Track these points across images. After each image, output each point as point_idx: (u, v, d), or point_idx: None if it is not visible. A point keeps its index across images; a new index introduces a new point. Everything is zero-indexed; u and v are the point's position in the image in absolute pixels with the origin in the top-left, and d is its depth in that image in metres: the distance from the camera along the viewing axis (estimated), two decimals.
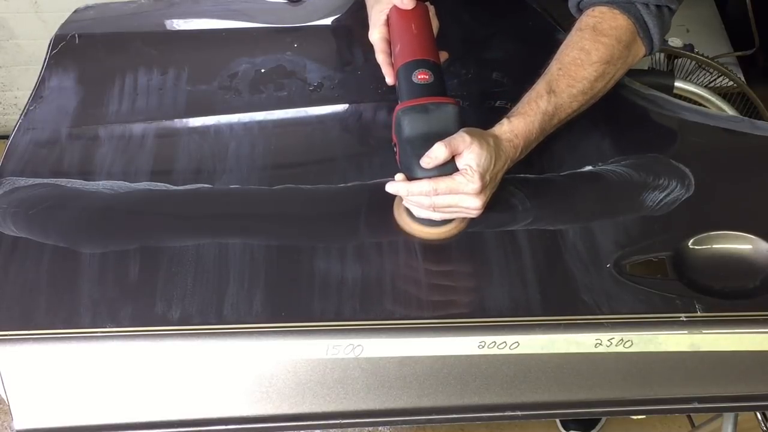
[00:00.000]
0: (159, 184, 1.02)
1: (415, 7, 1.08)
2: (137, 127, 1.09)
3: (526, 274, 0.94)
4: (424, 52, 1.02)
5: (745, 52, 1.90)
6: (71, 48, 1.22)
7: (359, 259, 0.94)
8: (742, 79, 1.66)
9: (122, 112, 1.12)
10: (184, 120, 1.11)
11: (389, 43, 1.10)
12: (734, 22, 2.00)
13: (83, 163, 1.05)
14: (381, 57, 1.10)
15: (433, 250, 0.97)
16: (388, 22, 1.10)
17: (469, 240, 0.97)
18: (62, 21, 1.28)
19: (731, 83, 1.58)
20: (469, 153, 0.90)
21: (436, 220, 0.95)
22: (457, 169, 0.91)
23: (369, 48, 1.19)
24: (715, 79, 1.60)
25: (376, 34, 1.11)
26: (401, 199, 0.97)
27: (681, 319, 0.90)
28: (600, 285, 0.92)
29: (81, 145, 1.07)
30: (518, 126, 0.96)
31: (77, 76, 1.18)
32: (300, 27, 1.27)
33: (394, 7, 1.08)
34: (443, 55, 1.08)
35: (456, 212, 0.94)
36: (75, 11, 1.31)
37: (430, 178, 0.91)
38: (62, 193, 1.01)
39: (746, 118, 1.23)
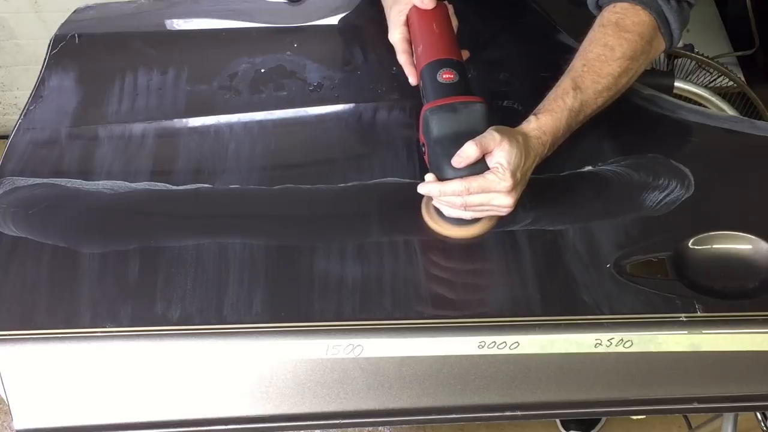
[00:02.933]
0: (159, 184, 1.02)
1: (435, 7, 1.07)
2: (137, 127, 1.09)
3: (526, 274, 0.94)
4: (447, 51, 1.02)
5: (745, 52, 1.90)
6: (71, 48, 1.22)
7: (359, 259, 0.94)
8: (742, 79, 1.66)
9: (122, 112, 1.12)
10: (184, 120, 1.11)
11: (410, 43, 1.09)
12: (734, 22, 2.00)
13: (83, 162, 1.05)
14: (403, 57, 1.10)
15: (432, 250, 0.97)
16: (407, 23, 1.10)
17: (469, 240, 0.97)
18: (62, 21, 1.28)
19: (731, 83, 1.58)
20: (500, 151, 0.90)
21: (467, 219, 0.95)
22: (487, 168, 0.90)
23: (369, 48, 1.20)
24: (715, 79, 1.60)
25: (396, 35, 1.10)
26: (429, 200, 0.97)
27: (681, 319, 0.90)
28: (600, 285, 0.92)
29: (81, 145, 1.07)
30: (546, 123, 0.95)
31: (77, 76, 1.18)
32: (300, 27, 1.27)
33: (414, 7, 1.08)
34: (465, 54, 1.08)
35: (487, 211, 0.94)
36: (75, 11, 1.31)
37: (461, 177, 0.91)
38: (62, 193, 1.01)
39: (746, 118, 1.23)
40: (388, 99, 1.13)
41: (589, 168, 1.04)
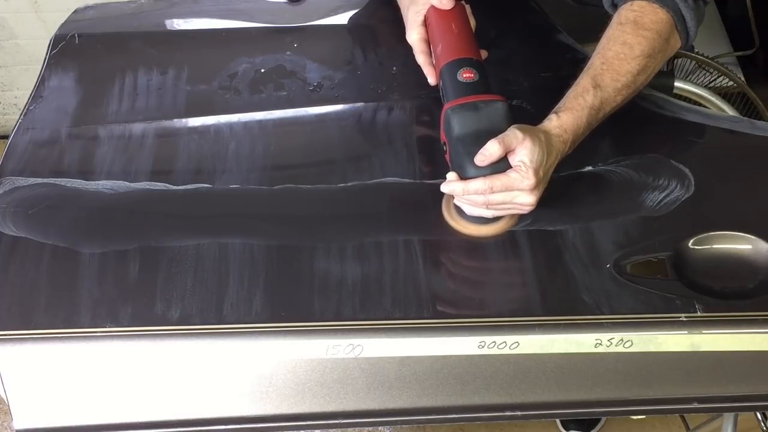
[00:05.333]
0: (159, 184, 1.02)
1: (453, 7, 1.08)
2: (137, 127, 1.09)
3: (526, 274, 0.94)
4: (466, 50, 1.02)
5: (745, 52, 1.91)
6: (71, 48, 1.22)
7: (359, 259, 0.94)
8: (742, 79, 1.66)
9: (122, 112, 1.12)
10: (184, 120, 1.11)
11: (428, 43, 1.10)
12: (734, 22, 2.00)
13: (83, 162, 1.05)
14: (421, 58, 1.10)
15: (432, 250, 0.97)
16: (425, 23, 1.10)
17: (469, 240, 0.97)
18: (62, 21, 1.28)
19: (731, 83, 1.58)
20: (523, 149, 0.90)
21: (488, 217, 0.95)
22: (510, 166, 0.91)
23: (369, 48, 1.20)
24: (715, 79, 1.60)
25: (414, 35, 1.10)
26: (450, 198, 0.98)
27: (681, 319, 0.90)
28: (600, 285, 0.92)
29: (81, 145, 1.07)
30: (567, 121, 0.96)
31: (77, 76, 1.18)
32: (300, 27, 1.27)
33: (432, 7, 1.08)
34: (483, 54, 1.08)
35: (509, 209, 0.94)
36: (75, 11, 1.31)
37: (484, 176, 0.91)
38: (62, 192, 1.01)
39: (746, 118, 1.23)
40: (388, 99, 1.13)
41: (589, 168, 1.04)
